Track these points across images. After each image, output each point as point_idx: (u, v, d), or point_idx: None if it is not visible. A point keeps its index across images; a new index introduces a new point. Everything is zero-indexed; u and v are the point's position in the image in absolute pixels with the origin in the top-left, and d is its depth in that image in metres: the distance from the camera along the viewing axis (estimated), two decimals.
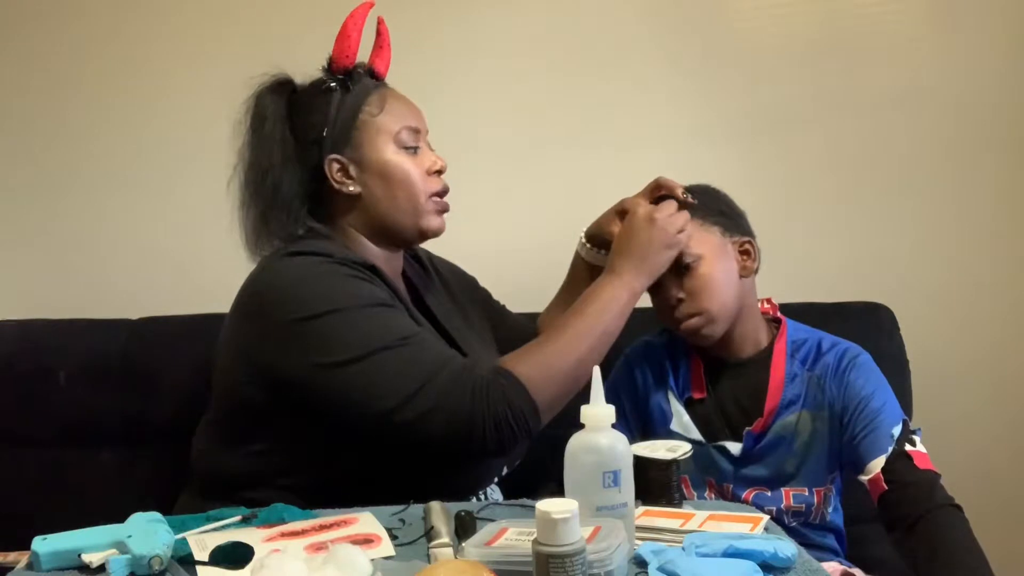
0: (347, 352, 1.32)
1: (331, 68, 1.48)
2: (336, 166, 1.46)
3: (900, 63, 2.13)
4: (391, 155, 1.46)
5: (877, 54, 2.13)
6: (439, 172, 1.50)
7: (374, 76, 1.52)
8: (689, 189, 1.54)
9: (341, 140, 1.45)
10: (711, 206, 1.56)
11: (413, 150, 1.48)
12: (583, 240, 1.66)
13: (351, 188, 1.46)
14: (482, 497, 1.47)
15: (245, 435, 1.41)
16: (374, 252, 1.49)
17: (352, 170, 1.46)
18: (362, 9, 1.48)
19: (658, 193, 1.55)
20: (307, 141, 1.45)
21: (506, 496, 1.52)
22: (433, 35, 2.08)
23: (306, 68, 1.51)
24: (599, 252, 1.63)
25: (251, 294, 1.42)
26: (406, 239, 1.53)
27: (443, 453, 1.33)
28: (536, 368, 1.35)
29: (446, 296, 1.63)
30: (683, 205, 1.52)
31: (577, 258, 1.68)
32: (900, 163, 2.14)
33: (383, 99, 1.48)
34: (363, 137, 1.46)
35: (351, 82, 1.47)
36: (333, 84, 1.47)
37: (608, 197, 1.62)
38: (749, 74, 2.13)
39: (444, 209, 1.51)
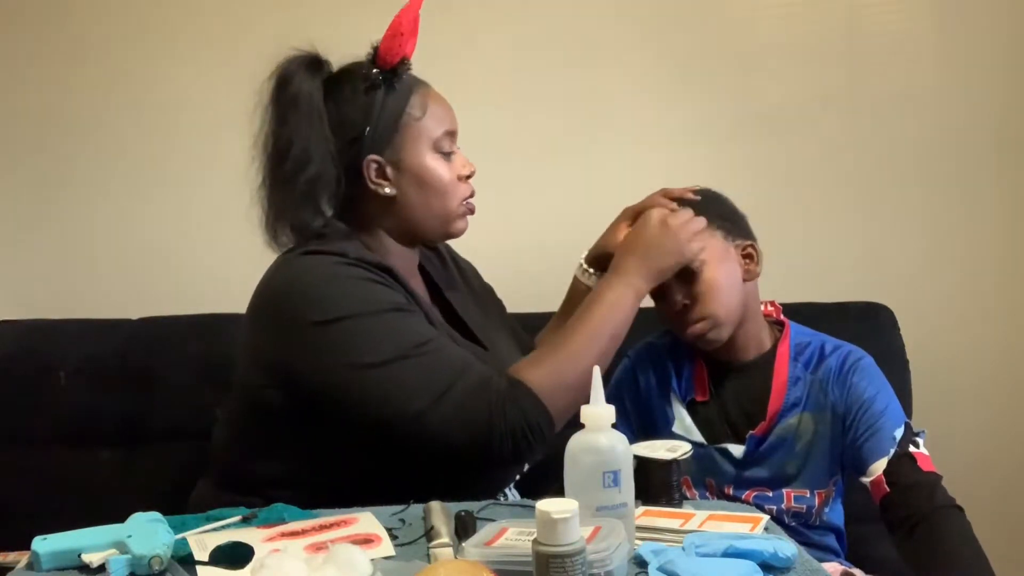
0: (364, 357, 1.32)
1: (376, 61, 1.41)
2: (374, 167, 1.42)
3: (900, 63, 2.13)
4: (430, 161, 1.43)
5: (877, 54, 2.13)
6: (469, 176, 1.48)
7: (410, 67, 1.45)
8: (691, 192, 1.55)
9: (382, 141, 1.41)
10: (713, 210, 1.55)
11: (449, 156, 1.45)
12: (583, 265, 1.63)
13: (386, 190, 1.43)
14: (500, 499, 1.46)
15: (262, 437, 1.41)
16: (393, 251, 1.47)
17: (389, 172, 1.42)
18: (416, 3, 1.41)
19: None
20: (346, 137, 1.40)
21: (523, 496, 1.51)
22: (433, 34, 2.07)
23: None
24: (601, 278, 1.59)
25: (266, 295, 1.41)
26: (430, 240, 1.53)
27: (461, 462, 1.34)
28: (548, 378, 1.34)
29: (465, 289, 1.62)
30: (683, 204, 1.52)
31: (576, 284, 1.65)
32: (900, 163, 2.14)
33: (424, 100, 1.43)
34: (404, 140, 1.42)
35: (396, 80, 1.41)
36: (378, 81, 1.40)
37: (607, 197, 1.62)
38: (749, 74, 2.13)
39: (470, 211, 1.49)
